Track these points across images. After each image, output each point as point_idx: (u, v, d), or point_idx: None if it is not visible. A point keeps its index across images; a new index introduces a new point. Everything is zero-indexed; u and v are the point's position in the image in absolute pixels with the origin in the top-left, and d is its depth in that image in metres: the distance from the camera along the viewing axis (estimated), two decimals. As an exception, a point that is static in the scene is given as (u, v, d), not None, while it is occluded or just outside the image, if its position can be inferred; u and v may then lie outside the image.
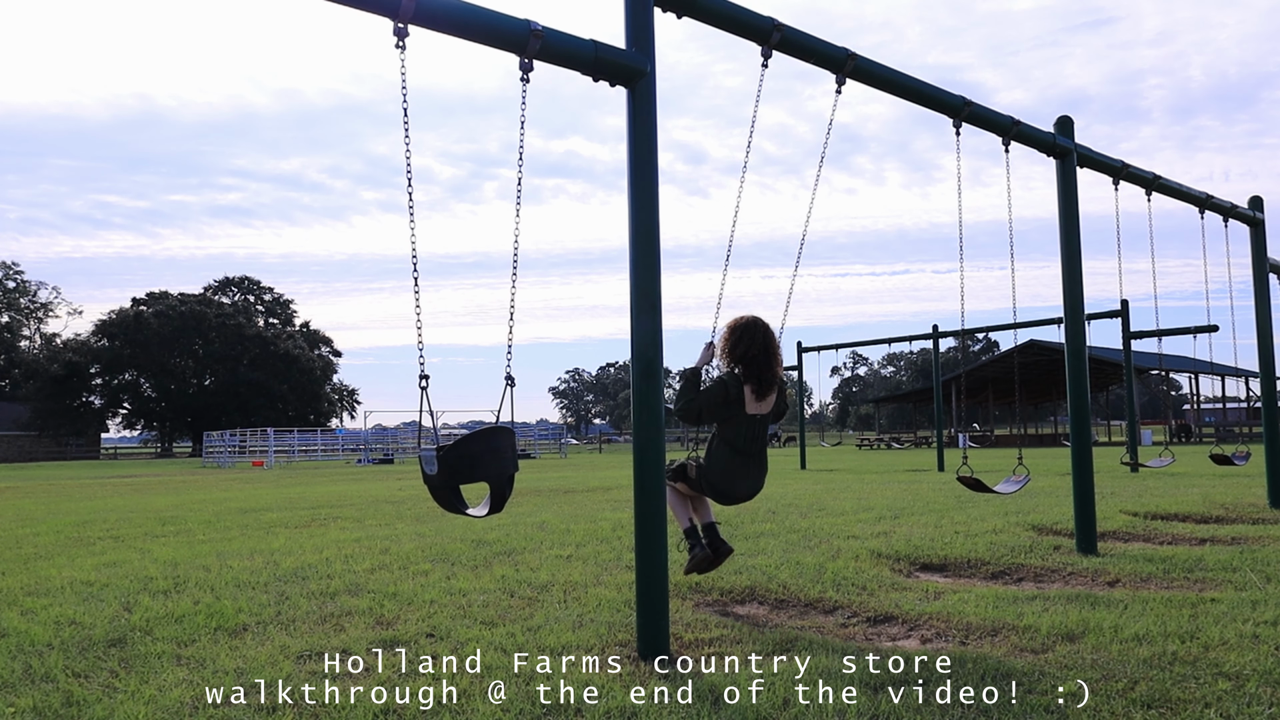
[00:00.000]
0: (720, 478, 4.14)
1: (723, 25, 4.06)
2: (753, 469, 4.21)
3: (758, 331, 4.17)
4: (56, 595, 4.91)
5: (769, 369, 4.15)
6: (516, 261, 3.40)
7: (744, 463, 4.16)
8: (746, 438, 4.14)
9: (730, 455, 4.13)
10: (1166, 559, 5.38)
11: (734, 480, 4.16)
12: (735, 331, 4.19)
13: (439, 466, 2.99)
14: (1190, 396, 52.34)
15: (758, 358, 4.12)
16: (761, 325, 4.21)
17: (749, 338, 4.15)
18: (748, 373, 4.11)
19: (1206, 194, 7.64)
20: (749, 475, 4.20)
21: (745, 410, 4.10)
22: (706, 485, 4.17)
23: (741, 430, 4.12)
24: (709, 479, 4.15)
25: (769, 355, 4.16)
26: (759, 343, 4.14)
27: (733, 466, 4.14)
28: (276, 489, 15.86)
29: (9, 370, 71.71)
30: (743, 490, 4.21)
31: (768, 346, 4.16)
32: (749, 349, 4.12)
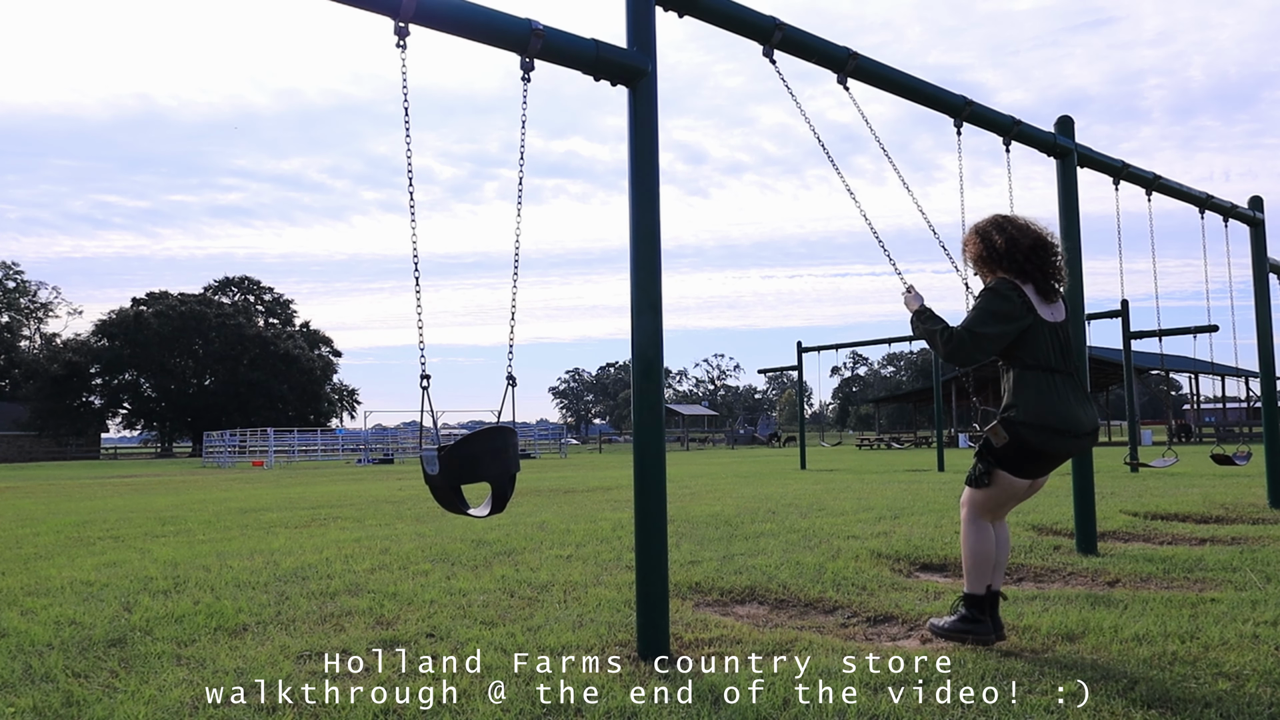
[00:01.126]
0: (1054, 411, 3.14)
1: (724, 25, 4.06)
2: (1082, 392, 3.28)
3: (1019, 221, 3.30)
4: (56, 595, 4.91)
5: (1048, 263, 3.25)
6: (517, 261, 3.40)
7: (1070, 384, 3.22)
8: (1060, 351, 3.23)
9: (1050, 381, 3.17)
10: (1166, 559, 5.38)
11: (1070, 406, 3.18)
12: (990, 229, 3.30)
13: (440, 466, 2.99)
14: (1190, 396, 52.36)
15: (1032, 250, 3.23)
16: (1017, 217, 3.36)
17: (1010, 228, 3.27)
18: (1024, 270, 3.23)
19: (1206, 194, 7.64)
20: (1081, 400, 3.24)
21: (1040, 316, 3.20)
22: (1036, 434, 3.15)
23: (1046, 341, 3.20)
24: (1039, 420, 3.14)
25: (1044, 245, 3.26)
26: (1026, 232, 3.25)
27: (1063, 391, 3.18)
28: (276, 489, 15.86)
29: (9, 370, 71.71)
30: (1087, 420, 3.23)
31: (1039, 235, 3.26)
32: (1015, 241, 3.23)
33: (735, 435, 63.29)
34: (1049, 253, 3.26)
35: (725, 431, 73.83)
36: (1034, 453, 3.21)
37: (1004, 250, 3.23)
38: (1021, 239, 3.23)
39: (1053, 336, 3.22)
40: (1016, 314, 3.16)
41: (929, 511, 8.38)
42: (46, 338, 75.51)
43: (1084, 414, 3.22)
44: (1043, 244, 3.25)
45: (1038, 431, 3.15)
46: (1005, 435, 3.18)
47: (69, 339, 69.10)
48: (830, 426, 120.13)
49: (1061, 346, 3.24)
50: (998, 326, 3.16)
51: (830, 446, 51.59)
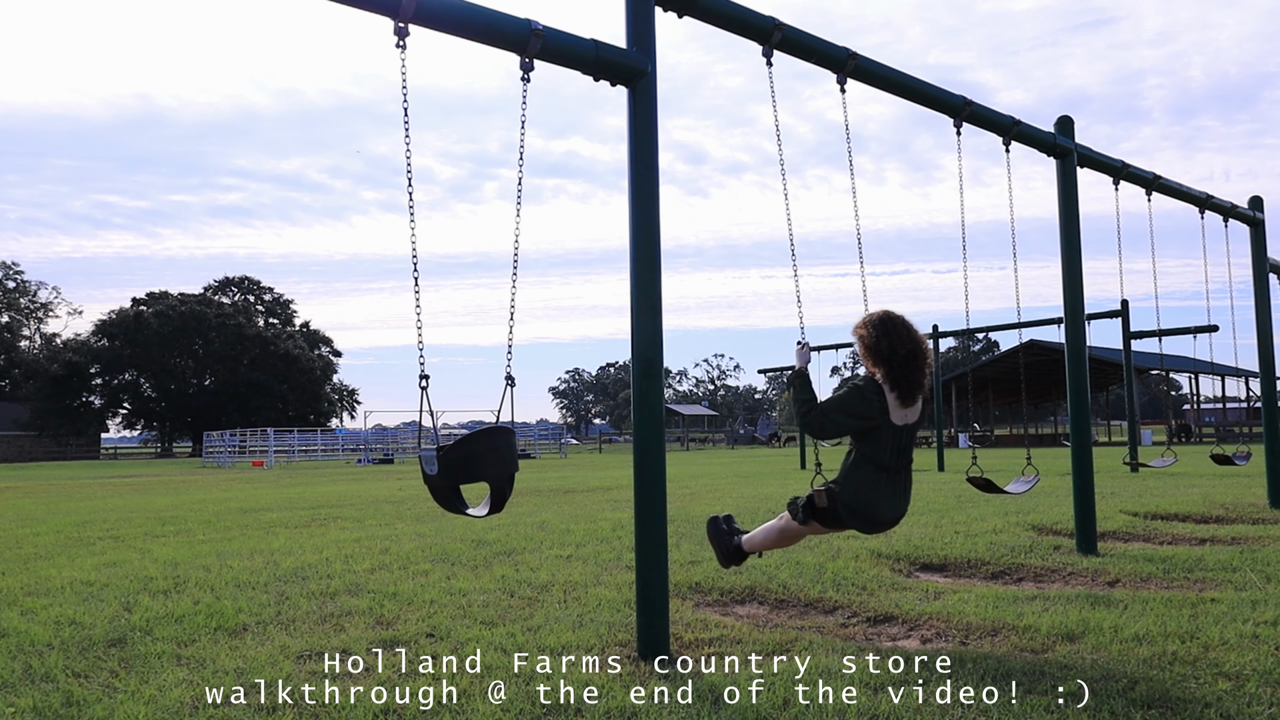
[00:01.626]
0: (866, 502, 3.53)
1: (724, 25, 4.06)
2: (899, 486, 3.62)
3: (903, 328, 3.60)
4: (56, 595, 4.91)
5: (918, 372, 3.56)
6: (517, 261, 3.40)
7: (891, 480, 3.57)
8: (894, 451, 3.55)
9: (876, 474, 3.53)
10: (1166, 559, 5.38)
11: (881, 502, 3.56)
12: (876, 328, 3.61)
13: (439, 466, 2.99)
14: (1190, 396, 52.38)
15: (907, 361, 3.53)
16: (903, 321, 3.65)
17: (893, 335, 3.57)
18: (893, 377, 3.51)
19: (1206, 194, 7.64)
20: (896, 495, 3.61)
21: (891, 419, 3.53)
22: (847, 513, 3.55)
23: (887, 443, 3.53)
24: (852, 505, 3.54)
25: (918, 359, 3.57)
26: (906, 343, 3.56)
27: (880, 487, 3.54)
28: (276, 489, 15.86)
29: (9, 370, 71.73)
30: (890, 514, 3.61)
31: (917, 347, 3.58)
32: (893, 351, 3.53)
33: (735, 435, 63.30)
34: (919, 363, 3.59)
35: (725, 431, 73.85)
36: (841, 524, 3.67)
37: (884, 354, 3.56)
38: (899, 348, 3.56)
39: (895, 438, 3.57)
40: (870, 414, 3.51)
41: (929, 511, 8.38)
42: (46, 338, 75.53)
43: (892, 509, 3.62)
44: (915, 355, 3.58)
45: (849, 513, 3.56)
46: (826, 502, 3.60)
47: (69, 339, 69.14)
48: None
49: (901, 447, 3.61)
50: (850, 420, 3.54)
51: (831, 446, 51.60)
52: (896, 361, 3.52)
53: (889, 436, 3.53)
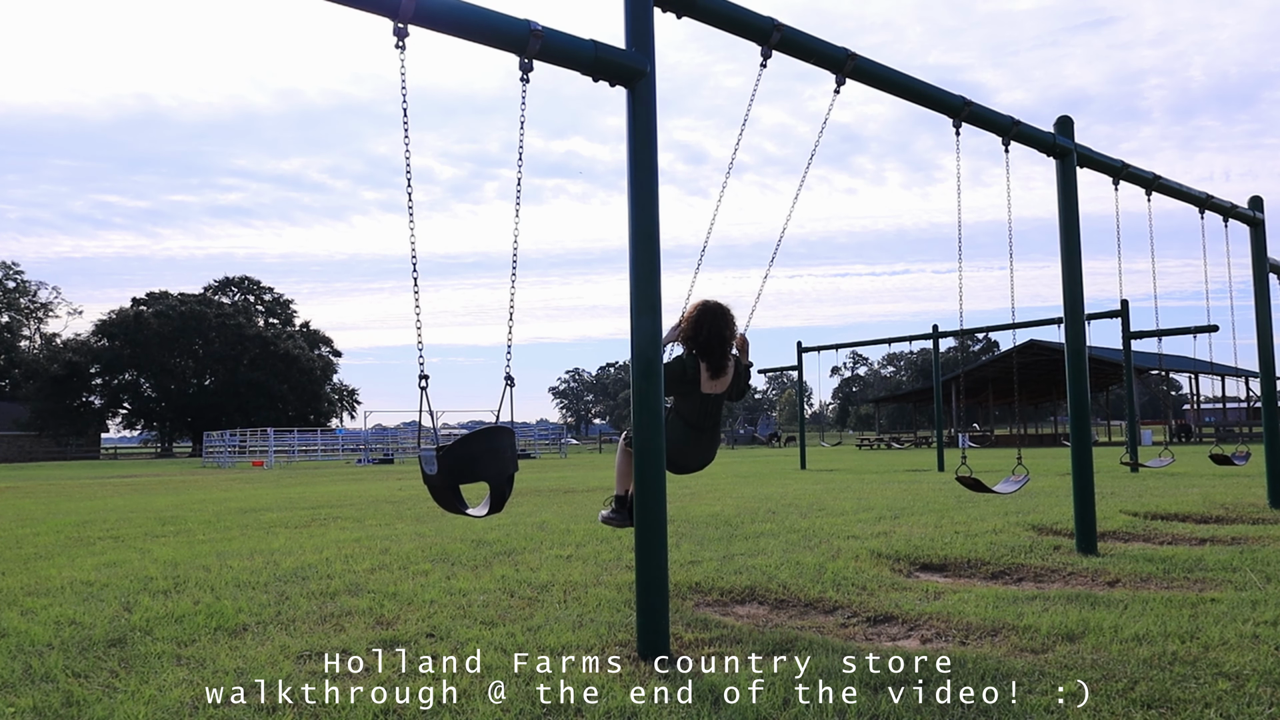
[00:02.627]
0: (671, 449, 4.37)
1: (723, 25, 4.06)
2: (704, 443, 4.54)
3: (709, 317, 4.42)
4: (56, 595, 4.91)
5: (720, 353, 4.42)
6: (516, 261, 3.40)
7: (695, 436, 4.48)
8: (699, 413, 4.46)
9: (683, 429, 4.44)
10: (1166, 559, 5.38)
11: (684, 452, 4.49)
12: (691, 317, 4.47)
13: (439, 466, 2.99)
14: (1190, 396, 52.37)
15: (709, 342, 4.40)
16: (714, 311, 4.45)
17: (700, 324, 4.42)
18: (702, 355, 4.41)
19: (1206, 194, 7.64)
20: (699, 448, 4.54)
21: (700, 389, 4.41)
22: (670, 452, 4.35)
23: (694, 406, 4.44)
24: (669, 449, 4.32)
25: (720, 341, 4.42)
26: (708, 328, 4.40)
27: (684, 439, 4.45)
28: (276, 489, 15.86)
29: (9, 370, 71.72)
30: (691, 462, 4.54)
31: (718, 333, 4.41)
32: (697, 334, 4.41)
33: (735, 435, 63.30)
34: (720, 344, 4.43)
35: (725, 431, 73.85)
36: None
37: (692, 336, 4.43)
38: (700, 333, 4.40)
39: (703, 404, 4.45)
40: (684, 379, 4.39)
41: (929, 511, 8.38)
42: (46, 338, 75.52)
43: (696, 458, 4.55)
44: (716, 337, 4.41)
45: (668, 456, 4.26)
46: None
47: (69, 339, 69.12)
48: (830, 426, 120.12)
49: (708, 412, 4.47)
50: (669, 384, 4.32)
51: (830, 446, 51.61)
52: (700, 342, 4.39)
53: (699, 402, 4.43)
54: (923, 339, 20.49)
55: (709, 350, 4.41)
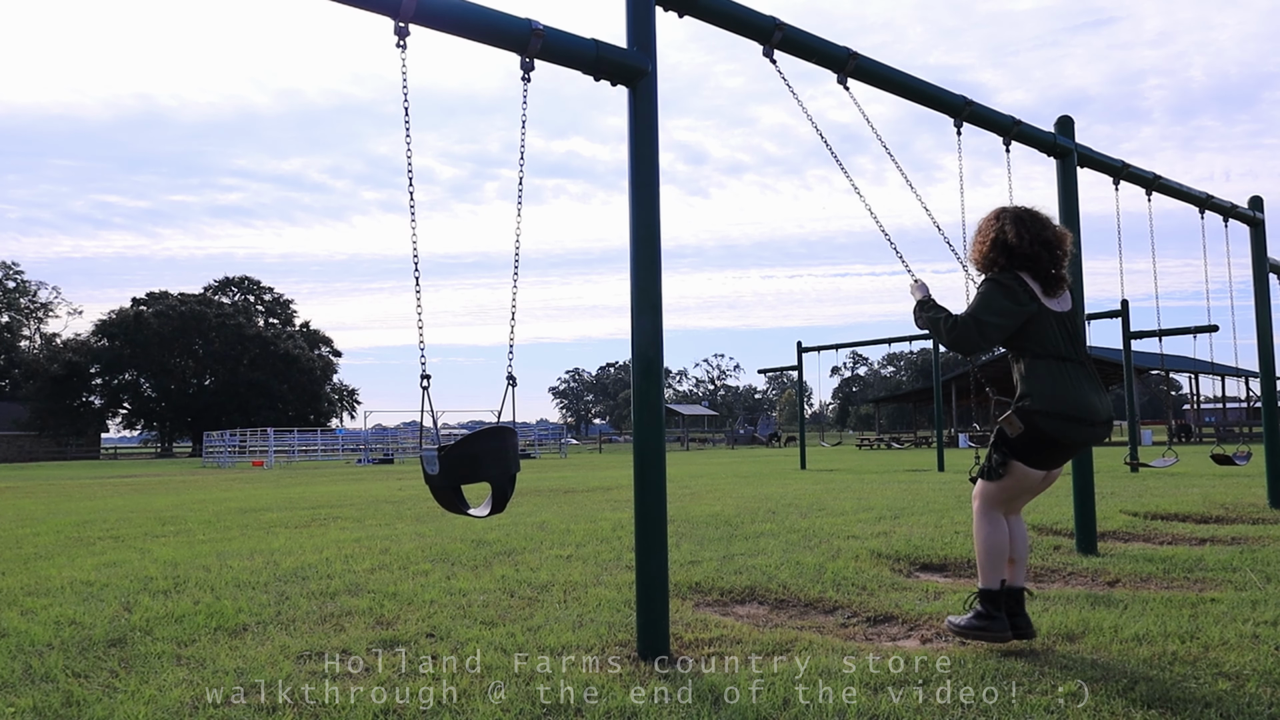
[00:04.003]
0: (1066, 398, 3.12)
1: (724, 24, 4.06)
2: (1092, 379, 3.23)
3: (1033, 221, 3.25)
4: (56, 595, 4.91)
5: (1050, 260, 3.22)
6: (518, 261, 3.40)
7: (1077, 371, 3.19)
8: (1069, 339, 3.21)
9: (1062, 367, 3.16)
10: (1166, 559, 5.38)
11: (1084, 393, 3.16)
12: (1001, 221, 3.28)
13: (440, 466, 2.99)
14: (1190, 396, 52.36)
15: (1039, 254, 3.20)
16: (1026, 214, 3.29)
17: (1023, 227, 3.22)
18: (1026, 266, 3.23)
19: (1206, 194, 7.64)
20: (1096, 388, 3.22)
21: (1045, 306, 3.20)
22: (1051, 422, 3.13)
23: (1054, 330, 3.19)
24: (1053, 409, 3.12)
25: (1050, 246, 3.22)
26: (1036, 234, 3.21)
27: (1076, 378, 3.16)
28: (276, 489, 15.86)
29: (9, 370, 71.73)
30: (1100, 405, 3.20)
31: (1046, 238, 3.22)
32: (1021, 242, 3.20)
33: (735, 435, 63.29)
34: (1056, 247, 3.24)
35: (725, 431, 73.87)
36: (1050, 441, 3.18)
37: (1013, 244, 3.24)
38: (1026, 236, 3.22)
39: (1060, 325, 3.21)
40: (1020, 301, 3.15)
41: (929, 511, 8.38)
42: (46, 338, 75.51)
43: (1099, 401, 3.20)
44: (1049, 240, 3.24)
45: (1053, 419, 3.12)
46: (1020, 425, 3.15)
47: (69, 339, 69.11)
48: (830, 426, 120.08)
49: (1070, 335, 3.23)
50: (1001, 317, 3.17)
51: (830, 446, 51.59)
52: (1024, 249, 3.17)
53: (1053, 324, 3.18)
54: (923, 339, 20.49)
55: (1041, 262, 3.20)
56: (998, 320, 3.17)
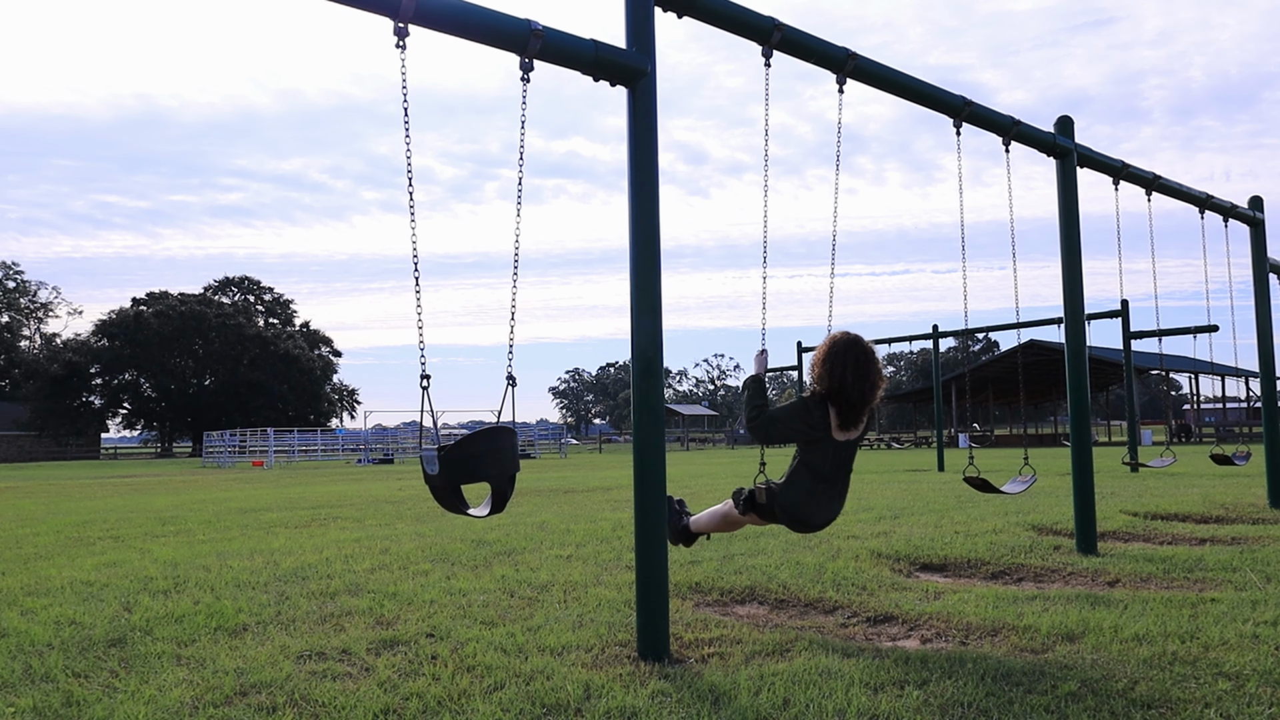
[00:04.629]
0: (800, 507, 3.72)
1: (723, 25, 4.06)
2: (835, 496, 3.79)
3: (856, 358, 3.63)
4: (56, 595, 4.91)
5: (861, 401, 3.64)
6: (517, 261, 3.40)
7: (827, 490, 3.74)
8: (833, 464, 3.71)
9: (814, 482, 3.71)
10: (1166, 559, 5.38)
11: (815, 508, 3.75)
12: (830, 354, 3.67)
13: (440, 466, 2.99)
14: (1190, 396, 52.35)
15: (851, 387, 3.60)
16: (860, 348, 3.68)
17: (843, 365, 3.61)
18: (836, 400, 3.62)
19: (1206, 194, 7.64)
20: (831, 502, 3.79)
21: (831, 435, 3.66)
22: (782, 513, 3.75)
23: (827, 456, 3.68)
24: (786, 507, 3.73)
25: (867, 384, 3.63)
26: (855, 374, 3.61)
27: (816, 493, 3.72)
28: (276, 489, 15.86)
29: (9, 370, 71.73)
30: (821, 519, 3.80)
31: (866, 374, 3.63)
32: (839, 379, 3.60)
33: (735, 435, 63.27)
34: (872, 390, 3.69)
35: (725, 431, 73.86)
36: (775, 519, 3.87)
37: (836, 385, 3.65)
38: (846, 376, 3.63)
39: (836, 453, 3.73)
40: (814, 427, 3.66)
41: (929, 511, 8.38)
42: (46, 338, 75.54)
43: (824, 515, 3.81)
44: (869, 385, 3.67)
45: (784, 513, 3.77)
46: (765, 500, 3.81)
47: (69, 339, 69.15)
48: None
49: (840, 461, 3.77)
50: (792, 431, 3.71)
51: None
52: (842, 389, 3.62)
53: (829, 451, 3.70)
54: (923, 339, 20.49)
55: (849, 397, 3.60)
56: (787, 433, 3.73)
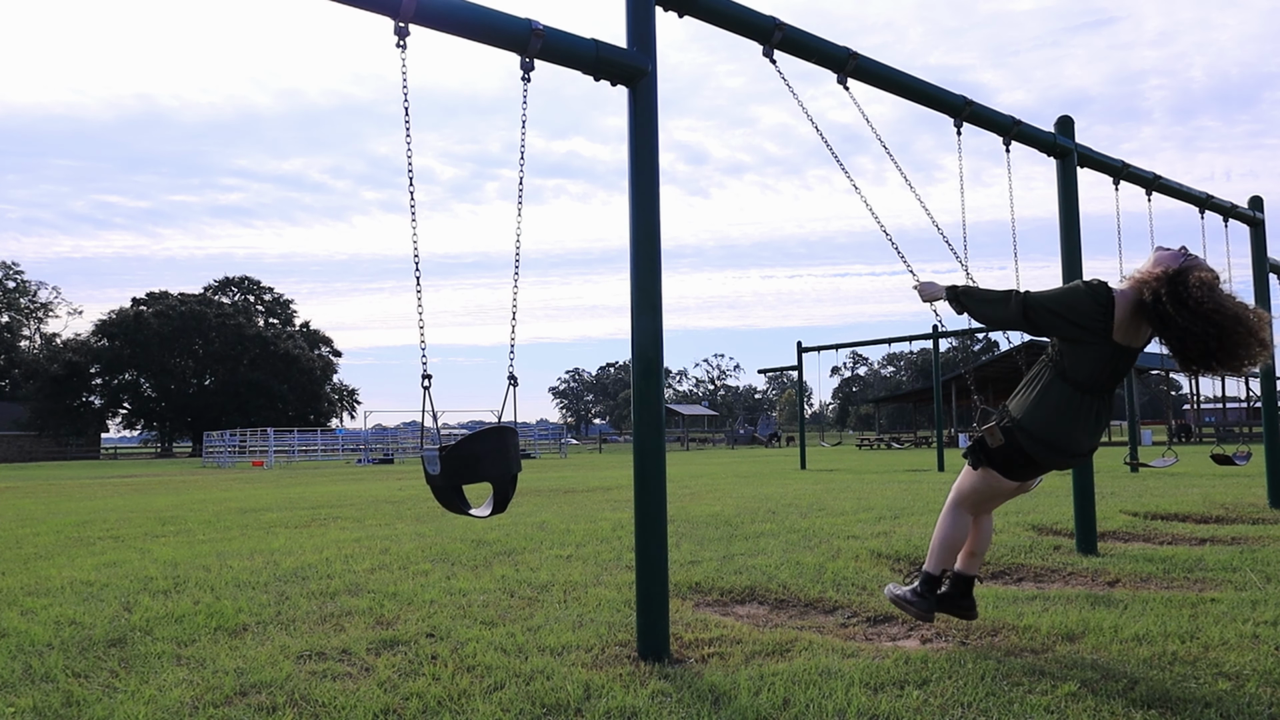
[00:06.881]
0: (1052, 426, 3.05)
1: (724, 25, 4.06)
2: (1097, 416, 3.12)
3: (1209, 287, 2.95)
4: (56, 595, 4.91)
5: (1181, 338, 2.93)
6: (518, 261, 3.40)
7: (1089, 406, 3.07)
8: (1111, 374, 3.05)
9: (1076, 396, 3.05)
10: (1166, 559, 5.38)
11: (1073, 429, 3.07)
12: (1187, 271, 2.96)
13: (441, 466, 2.99)
14: (1190, 396, 52.35)
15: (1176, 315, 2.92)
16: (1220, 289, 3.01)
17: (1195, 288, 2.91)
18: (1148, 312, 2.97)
19: (1207, 194, 7.64)
20: (1092, 423, 3.11)
21: (1110, 336, 3.01)
22: (1029, 441, 3.09)
23: (1100, 366, 3.03)
24: (1035, 432, 3.08)
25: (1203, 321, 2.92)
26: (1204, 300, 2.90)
27: (1073, 410, 3.05)
28: (276, 489, 15.86)
29: (9, 370, 71.72)
30: (1087, 444, 3.15)
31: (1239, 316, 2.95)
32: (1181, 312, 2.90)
33: (735, 435, 63.29)
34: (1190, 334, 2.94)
35: (725, 431, 73.85)
36: (1027, 459, 3.19)
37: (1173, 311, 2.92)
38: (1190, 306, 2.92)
39: (1112, 360, 3.06)
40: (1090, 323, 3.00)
41: (929, 511, 8.38)
42: (46, 338, 75.51)
43: (1088, 439, 3.17)
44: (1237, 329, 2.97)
45: (1036, 444, 3.11)
46: (1001, 438, 3.16)
47: (69, 339, 69.09)
48: (830, 426, 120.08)
49: (1114, 372, 3.10)
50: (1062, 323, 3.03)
51: (830, 446, 51.60)
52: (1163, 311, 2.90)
53: (1105, 357, 3.02)
54: (923, 339, 20.50)
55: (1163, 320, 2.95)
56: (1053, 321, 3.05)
